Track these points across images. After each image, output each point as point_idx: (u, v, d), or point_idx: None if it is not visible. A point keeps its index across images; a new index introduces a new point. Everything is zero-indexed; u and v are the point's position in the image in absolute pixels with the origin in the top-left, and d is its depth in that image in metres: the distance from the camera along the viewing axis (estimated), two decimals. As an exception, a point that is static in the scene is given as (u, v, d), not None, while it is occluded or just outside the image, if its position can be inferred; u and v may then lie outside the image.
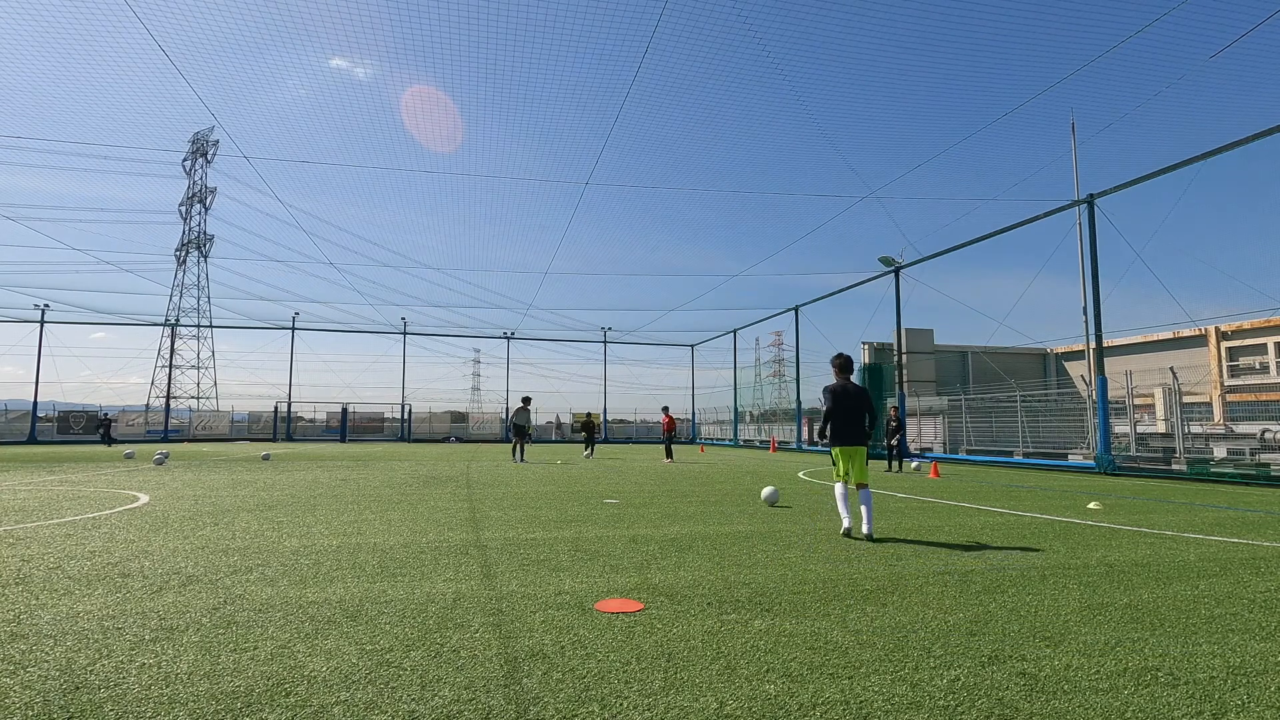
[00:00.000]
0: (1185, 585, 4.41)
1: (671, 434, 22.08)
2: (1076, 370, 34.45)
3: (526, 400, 20.24)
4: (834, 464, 6.48)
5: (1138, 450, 19.03)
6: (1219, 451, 17.76)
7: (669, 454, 21.49)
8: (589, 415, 25.40)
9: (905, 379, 26.87)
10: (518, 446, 19.66)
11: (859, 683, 2.66)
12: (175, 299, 66.17)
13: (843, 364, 6.53)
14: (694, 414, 50.53)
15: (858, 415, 6.37)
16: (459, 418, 49.45)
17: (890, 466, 17.59)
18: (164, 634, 3.17)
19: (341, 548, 5.46)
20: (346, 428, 44.24)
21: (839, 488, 6.37)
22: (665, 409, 22.51)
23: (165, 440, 39.34)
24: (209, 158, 68.78)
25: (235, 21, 21.01)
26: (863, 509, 6.14)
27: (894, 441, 17.75)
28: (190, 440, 41.41)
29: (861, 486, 6.26)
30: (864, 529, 6.04)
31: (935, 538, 6.27)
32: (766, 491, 8.92)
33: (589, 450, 24.14)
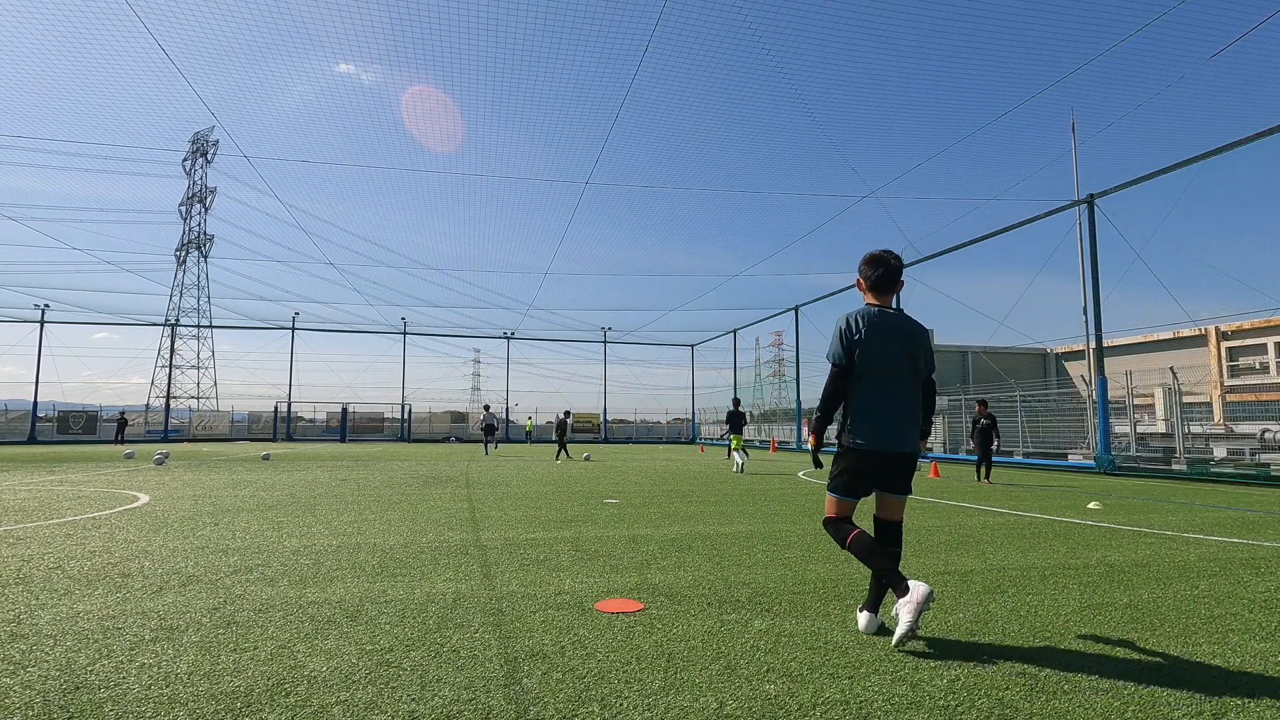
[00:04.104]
0: (1185, 585, 4.41)
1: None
2: (1076, 370, 34.41)
3: (487, 407, 26.61)
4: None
5: (1138, 450, 19.03)
6: (1219, 451, 17.75)
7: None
8: (487, 407, 27.87)
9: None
10: (486, 443, 27.59)
11: (859, 683, 2.66)
12: (175, 299, 66.19)
13: (734, 401, 15.08)
14: (694, 414, 50.50)
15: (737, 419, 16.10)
16: (459, 418, 49.45)
17: (979, 475, 13.86)
18: (164, 634, 3.17)
19: (341, 548, 5.46)
20: (346, 428, 44.23)
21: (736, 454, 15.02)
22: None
23: (165, 440, 39.33)
24: (209, 158, 68.77)
25: (234, 22, 21.02)
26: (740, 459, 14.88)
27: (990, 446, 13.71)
28: (190, 440, 41.40)
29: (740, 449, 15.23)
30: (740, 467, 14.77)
31: (935, 538, 6.27)
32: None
33: (492, 445, 27.71)
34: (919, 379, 3.29)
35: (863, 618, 3.32)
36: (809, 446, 3.53)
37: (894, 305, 3.40)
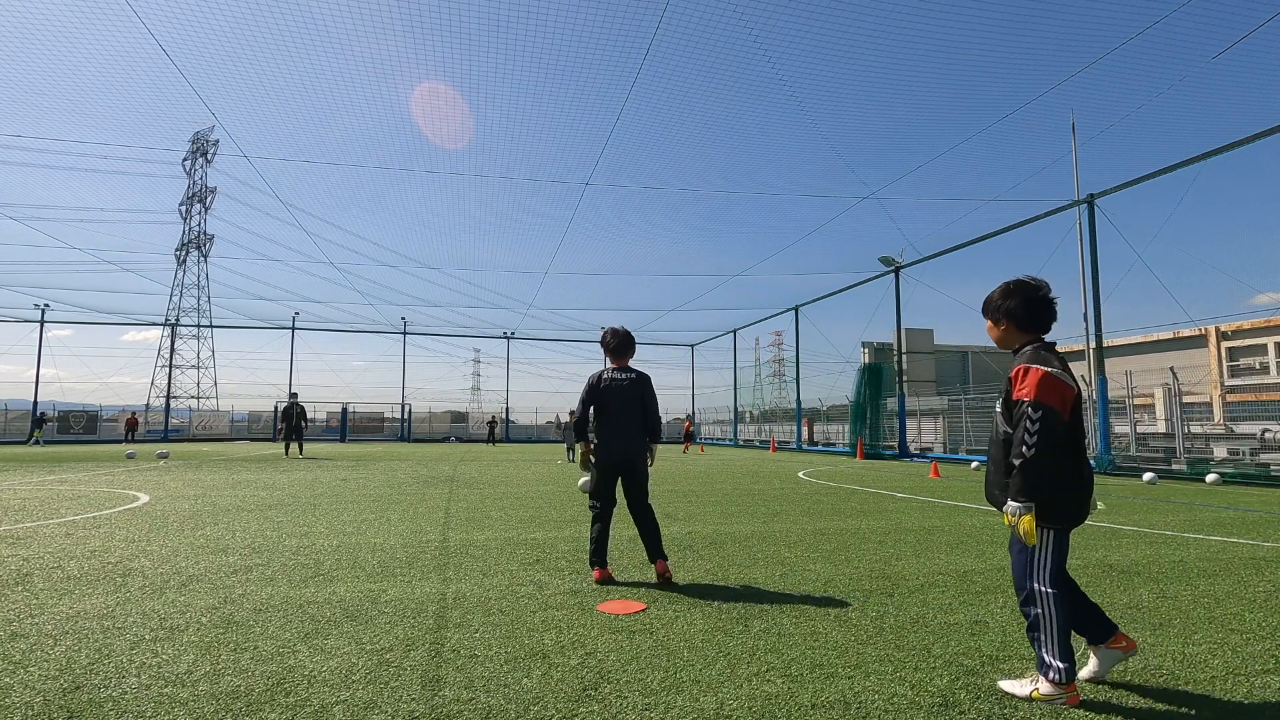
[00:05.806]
0: (1185, 585, 4.41)
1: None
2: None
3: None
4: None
5: (1138, 450, 19.02)
6: (1219, 451, 17.75)
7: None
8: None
9: (905, 379, 26.86)
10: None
11: (859, 683, 2.66)
12: (175, 299, 66.06)
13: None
14: (694, 414, 50.51)
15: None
16: (459, 418, 49.51)
17: None
18: (164, 634, 3.17)
19: (341, 547, 5.47)
20: (346, 427, 44.23)
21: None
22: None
23: (165, 440, 39.32)
24: (209, 157, 68.68)
25: (236, 20, 21.03)
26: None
27: None
28: (190, 440, 41.40)
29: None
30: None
31: (936, 538, 6.27)
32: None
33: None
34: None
35: None
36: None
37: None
